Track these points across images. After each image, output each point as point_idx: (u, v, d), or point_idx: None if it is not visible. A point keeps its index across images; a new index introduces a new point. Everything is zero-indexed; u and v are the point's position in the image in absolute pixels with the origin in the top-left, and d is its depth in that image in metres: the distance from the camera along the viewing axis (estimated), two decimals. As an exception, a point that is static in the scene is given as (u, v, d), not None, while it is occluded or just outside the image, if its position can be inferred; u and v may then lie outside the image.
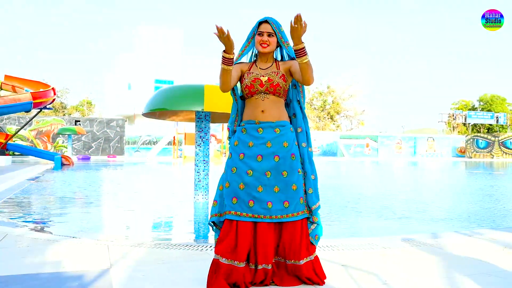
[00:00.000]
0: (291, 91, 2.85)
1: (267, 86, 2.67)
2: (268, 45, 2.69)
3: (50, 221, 5.58)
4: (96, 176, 13.79)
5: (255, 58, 2.84)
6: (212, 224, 2.70)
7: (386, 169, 21.10)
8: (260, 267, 2.56)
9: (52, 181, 11.21)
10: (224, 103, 6.43)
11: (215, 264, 2.55)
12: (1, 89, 19.68)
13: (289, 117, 2.81)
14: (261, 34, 2.69)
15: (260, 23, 2.71)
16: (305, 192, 2.68)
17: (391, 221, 5.81)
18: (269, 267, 2.57)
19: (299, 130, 2.77)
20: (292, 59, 2.76)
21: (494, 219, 6.00)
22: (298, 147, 2.73)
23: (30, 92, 16.92)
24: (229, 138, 2.85)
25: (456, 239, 4.13)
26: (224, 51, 2.52)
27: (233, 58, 2.55)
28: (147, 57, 44.25)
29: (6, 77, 19.84)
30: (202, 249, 3.55)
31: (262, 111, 2.66)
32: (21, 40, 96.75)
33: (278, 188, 2.58)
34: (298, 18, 2.38)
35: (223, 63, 2.55)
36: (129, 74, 44.21)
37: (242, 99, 2.84)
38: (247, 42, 2.78)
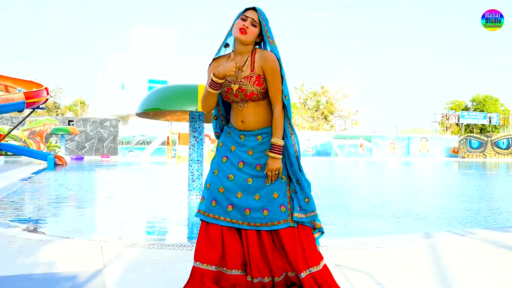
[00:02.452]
0: None
1: (241, 96, 2.38)
2: (246, 32, 2.33)
3: (43, 221, 5.56)
4: (90, 176, 13.74)
5: (232, 50, 2.48)
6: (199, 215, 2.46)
7: (380, 169, 21.17)
8: (256, 280, 2.37)
9: (45, 182, 11.15)
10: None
11: (197, 273, 2.37)
12: (-6, 88, 19.56)
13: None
14: (244, 19, 2.36)
15: (246, 9, 2.40)
16: (299, 201, 2.41)
17: (385, 221, 5.83)
18: (266, 280, 2.37)
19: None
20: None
21: (486, 219, 6.04)
22: (287, 153, 2.42)
23: (23, 92, 16.82)
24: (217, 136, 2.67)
25: (449, 238, 4.15)
26: (215, 74, 2.31)
27: (222, 84, 2.35)
28: (140, 57, 44.09)
29: (-1, 76, 19.72)
30: (196, 249, 3.54)
31: (242, 121, 2.42)
32: (14, 39, 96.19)
33: (259, 196, 2.37)
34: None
35: (210, 86, 2.34)
36: (122, 74, 44.02)
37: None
38: (228, 31, 2.48)
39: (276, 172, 2.35)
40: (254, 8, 2.41)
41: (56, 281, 2.71)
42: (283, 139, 2.39)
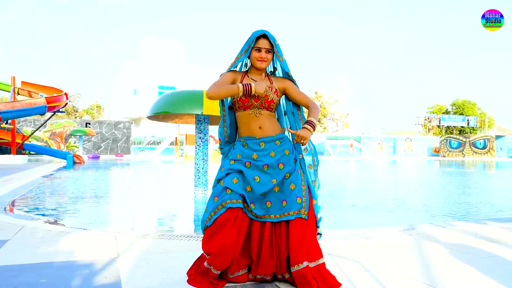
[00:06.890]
0: (286, 104, 2.63)
1: (261, 101, 2.44)
2: (265, 61, 2.46)
3: (63, 214, 5.55)
4: (105, 174, 13.73)
5: (246, 69, 2.58)
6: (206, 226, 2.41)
7: (368, 167, 21.16)
8: (258, 276, 2.37)
9: (64, 178, 11.14)
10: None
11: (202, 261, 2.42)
12: (18, 94, 19.56)
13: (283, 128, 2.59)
14: (259, 50, 2.44)
15: (257, 37, 2.44)
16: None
17: (372, 214, 5.83)
18: (268, 277, 2.37)
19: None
20: (286, 75, 2.56)
21: (465, 212, 6.03)
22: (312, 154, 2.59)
23: (45, 97, 16.84)
24: (221, 148, 2.63)
25: (431, 230, 4.14)
26: (256, 89, 2.33)
27: (253, 95, 2.39)
28: (151, 65, 44.09)
29: (23, 83, 19.73)
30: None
31: (260, 127, 2.45)
32: (37, 47, 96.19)
33: (278, 188, 2.39)
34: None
35: (243, 92, 2.34)
36: (135, 80, 44.01)
37: (230, 109, 2.59)
38: (241, 53, 2.48)
39: (302, 141, 2.37)
40: (264, 35, 2.45)
41: (75, 268, 2.71)
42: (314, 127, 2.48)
